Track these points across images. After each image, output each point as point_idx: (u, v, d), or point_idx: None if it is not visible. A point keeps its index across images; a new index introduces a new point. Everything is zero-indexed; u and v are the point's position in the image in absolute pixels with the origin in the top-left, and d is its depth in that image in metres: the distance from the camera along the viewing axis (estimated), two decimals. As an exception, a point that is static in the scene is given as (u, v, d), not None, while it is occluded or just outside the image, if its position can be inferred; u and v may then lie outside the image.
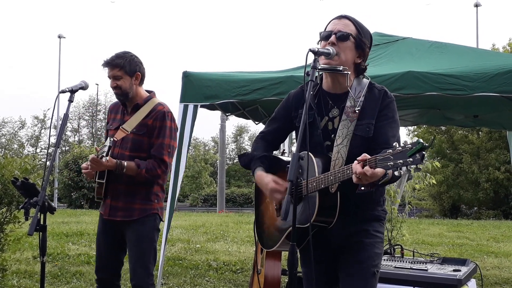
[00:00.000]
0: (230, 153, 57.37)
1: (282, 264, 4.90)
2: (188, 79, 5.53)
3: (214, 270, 7.59)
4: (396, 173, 2.16)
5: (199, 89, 5.49)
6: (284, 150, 6.27)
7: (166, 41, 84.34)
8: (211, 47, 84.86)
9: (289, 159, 2.62)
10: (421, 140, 2.08)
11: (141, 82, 3.79)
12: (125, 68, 3.66)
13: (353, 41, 2.62)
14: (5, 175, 4.67)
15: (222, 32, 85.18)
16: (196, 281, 6.74)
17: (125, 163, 3.55)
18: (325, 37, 2.63)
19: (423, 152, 2.08)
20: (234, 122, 62.07)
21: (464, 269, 4.25)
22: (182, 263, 7.97)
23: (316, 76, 2.69)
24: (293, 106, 2.80)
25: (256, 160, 2.80)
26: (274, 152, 3.02)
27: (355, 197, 2.50)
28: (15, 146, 48.59)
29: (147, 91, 3.87)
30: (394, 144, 2.26)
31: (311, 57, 2.51)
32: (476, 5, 28.72)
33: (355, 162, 2.26)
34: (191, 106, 5.49)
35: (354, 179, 2.27)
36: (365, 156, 2.24)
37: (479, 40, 27.85)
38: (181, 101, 5.52)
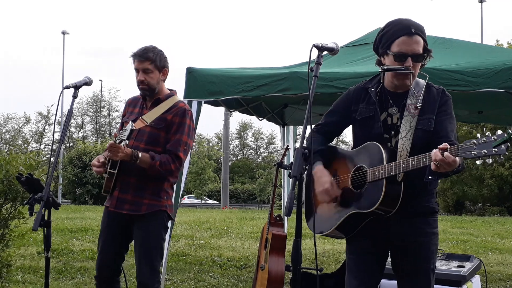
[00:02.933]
0: (234, 149, 57.40)
1: (286, 260, 4.90)
2: (192, 75, 5.51)
3: (218, 266, 7.60)
4: (478, 162, 2.24)
5: (203, 85, 5.46)
6: (288, 145, 6.26)
7: (170, 37, 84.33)
8: (215, 43, 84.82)
9: (346, 149, 2.87)
10: (510, 131, 2.11)
11: (165, 78, 3.76)
12: (155, 62, 3.61)
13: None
14: (10, 170, 4.67)
15: (226, 28, 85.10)
16: (200, 277, 6.75)
17: (140, 154, 3.44)
18: (399, 57, 2.68)
19: (508, 144, 2.14)
20: (237, 118, 62.11)
21: (468, 265, 4.24)
22: (186, 259, 8.00)
23: (378, 74, 2.85)
24: (353, 100, 2.89)
25: (315, 153, 2.86)
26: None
27: (416, 188, 2.64)
28: (20, 142, 48.73)
29: (169, 89, 3.81)
30: (453, 138, 2.52)
31: (315, 52, 2.52)
32: (481, 1, 28.62)
33: (435, 150, 2.33)
34: (195, 103, 5.47)
35: (433, 166, 2.34)
36: (446, 145, 2.32)
37: (483, 36, 27.73)
38: (185, 97, 5.49)
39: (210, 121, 49.90)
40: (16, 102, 69.97)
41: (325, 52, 2.60)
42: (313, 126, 2.96)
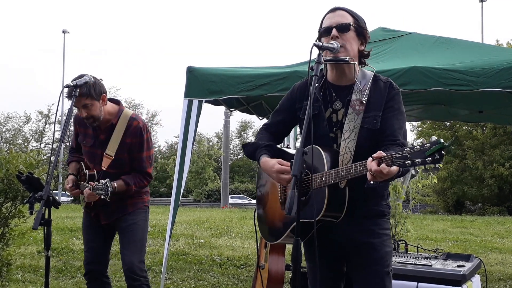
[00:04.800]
0: (234, 148, 57.38)
1: (286, 259, 4.90)
2: (193, 74, 5.51)
3: (218, 265, 7.60)
4: (412, 171, 2.16)
5: (203, 85, 5.46)
6: (288, 145, 6.26)
7: (170, 36, 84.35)
8: (215, 42, 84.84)
9: (294, 152, 2.61)
10: (442, 140, 2.06)
11: (106, 102, 3.74)
12: (91, 95, 3.57)
13: (353, 30, 2.62)
14: (10, 169, 4.68)
15: (226, 27, 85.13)
16: (200, 276, 6.75)
17: (115, 184, 3.58)
18: (325, 32, 2.61)
19: (443, 152, 2.06)
20: (238, 117, 62.12)
21: (468, 265, 4.23)
22: (186, 258, 8.00)
23: (321, 69, 2.68)
24: (297, 98, 2.78)
25: (261, 148, 2.77)
26: (278, 145, 3.00)
27: (362, 191, 2.51)
28: (20, 141, 48.73)
29: (111, 100, 3.81)
30: (400, 137, 2.34)
31: (316, 51, 2.50)
32: (481, 0, 28.62)
33: (370, 159, 2.24)
34: (195, 102, 5.47)
35: (369, 176, 2.25)
36: (380, 153, 2.22)
37: (484, 36, 27.75)
38: (185, 96, 5.49)
39: (211, 120, 50.03)
40: (16, 101, 70.01)
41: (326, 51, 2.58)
42: (261, 125, 2.91)
